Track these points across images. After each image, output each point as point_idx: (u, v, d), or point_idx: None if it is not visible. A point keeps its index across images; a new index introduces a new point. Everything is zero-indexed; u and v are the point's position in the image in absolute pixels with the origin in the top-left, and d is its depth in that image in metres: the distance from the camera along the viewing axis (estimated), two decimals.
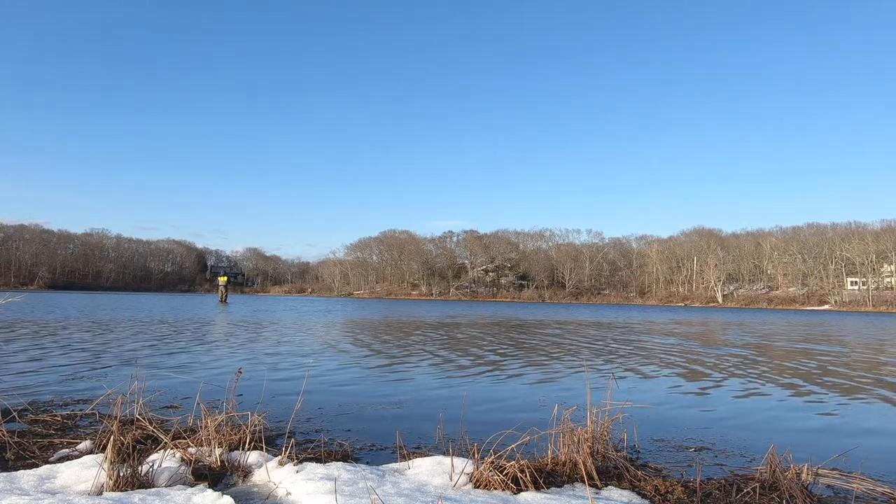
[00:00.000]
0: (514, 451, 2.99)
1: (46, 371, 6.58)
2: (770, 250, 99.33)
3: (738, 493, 2.90)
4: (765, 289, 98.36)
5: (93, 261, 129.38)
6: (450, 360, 8.78)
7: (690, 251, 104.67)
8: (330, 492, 2.56)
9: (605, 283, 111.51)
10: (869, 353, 12.12)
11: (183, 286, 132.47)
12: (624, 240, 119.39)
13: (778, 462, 3.02)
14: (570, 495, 2.79)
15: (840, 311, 69.98)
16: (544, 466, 3.06)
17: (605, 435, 3.31)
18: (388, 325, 17.86)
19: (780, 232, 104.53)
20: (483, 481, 2.86)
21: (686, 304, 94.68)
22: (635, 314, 37.29)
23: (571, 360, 9.26)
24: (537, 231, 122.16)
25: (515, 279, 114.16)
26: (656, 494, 2.89)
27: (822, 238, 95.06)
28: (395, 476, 2.92)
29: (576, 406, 4.16)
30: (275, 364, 7.81)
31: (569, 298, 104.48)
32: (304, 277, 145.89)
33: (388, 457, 3.47)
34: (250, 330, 14.23)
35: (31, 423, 4.01)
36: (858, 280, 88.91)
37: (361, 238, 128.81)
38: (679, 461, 3.63)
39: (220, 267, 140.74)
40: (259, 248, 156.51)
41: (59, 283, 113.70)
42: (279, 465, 3.01)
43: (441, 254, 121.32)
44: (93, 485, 2.66)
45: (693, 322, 26.17)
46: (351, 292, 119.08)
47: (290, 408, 4.41)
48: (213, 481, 2.88)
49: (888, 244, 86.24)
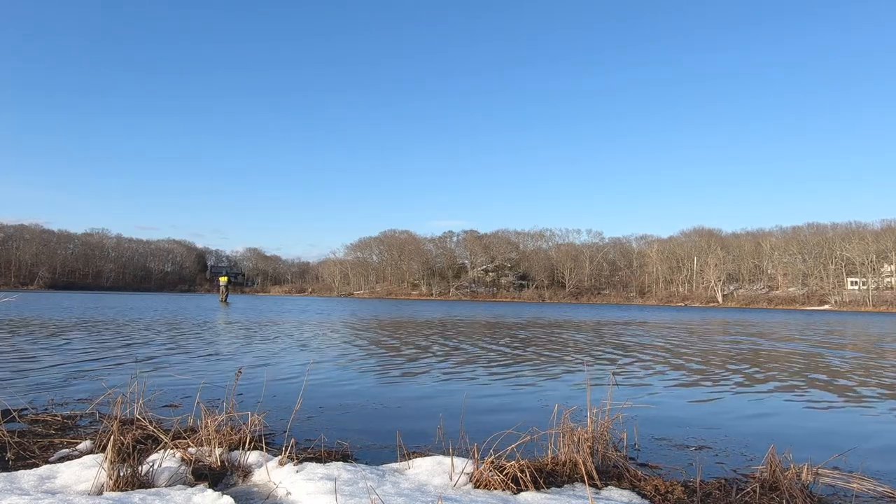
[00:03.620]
0: (514, 451, 2.99)
1: (46, 371, 6.57)
2: (770, 250, 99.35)
3: (739, 493, 2.90)
4: (765, 289, 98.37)
5: (93, 261, 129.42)
6: (450, 360, 8.79)
7: (690, 251, 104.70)
8: (330, 492, 2.56)
9: (605, 283, 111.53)
10: (869, 353, 12.12)
11: (183, 286, 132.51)
12: (624, 240, 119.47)
13: (778, 462, 3.02)
14: (570, 495, 2.79)
15: (840, 311, 69.98)
16: (544, 466, 3.06)
17: (605, 435, 3.31)
18: (388, 325, 17.86)
19: (780, 232, 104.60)
20: (483, 481, 2.86)
21: (686, 304, 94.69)
22: (635, 314, 37.28)
23: (571, 359, 9.26)
24: (537, 231, 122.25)
25: (515, 279, 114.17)
26: (656, 494, 2.89)
27: (822, 238, 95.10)
28: (395, 476, 2.92)
29: (576, 406, 4.17)
30: (275, 364, 7.81)
31: (569, 298, 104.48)
32: (304, 277, 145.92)
33: (388, 456, 3.47)
34: (251, 330, 14.24)
35: (31, 423, 4.01)
36: (858, 280, 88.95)
37: (361, 238, 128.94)
38: (679, 461, 3.63)
39: (221, 267, 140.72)
40: (259, 248, 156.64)
41: (59, 283, 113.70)
42: (279, 465, 3.00)
43: (441, 254, 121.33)
44: (93, 485, 2.66)
45: (693, 322, 26.17)
46: (351, 292, 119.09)
47: (290, 408, 4.41)
48: (213, 481, 2.88)
49: (888, 244, 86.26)
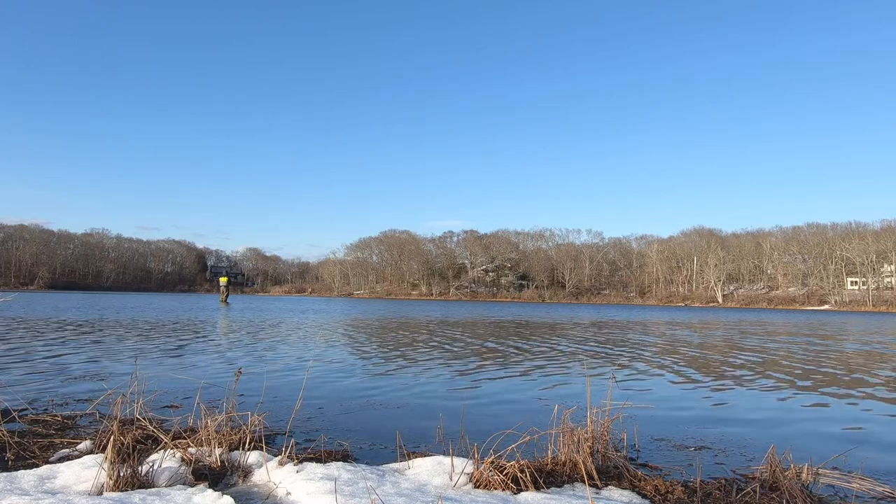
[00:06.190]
0: (514, 451, 2.99)
1: (46, 371, 6.57)
2: (770, 250, 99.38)
3: (739, 493, 2.90)
4: (765, 289, 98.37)
5: (93, 261, 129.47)
6: (450, 360, 8.78)
7: (690, 251, 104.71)
8: (330, 492, 2.56)
9: (605, 283, 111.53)
10: (869, 353, 12.12)
11: (183, 286, 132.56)
12: (624, 240, 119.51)
13: (778, 462, 3.02)
14: (570, 495, 2.78)
15: (840, 311, 69.99)
16: (544, 466, 3.06)
17: (605, 435, 3.31)
18: (389, 326, 17.86)
19: (780, 232, 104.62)
20: (483, 481, 2.86)
21: (686, 304, 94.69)
22: (635, 314, 37.28)
23: (571, 359, 9.26)
24: (537, 231, 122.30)
25: (515, 279, 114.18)
26: (656, 494, 2.89)
27: (822, 238, 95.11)
28: (395, 476, 2.92)
29: (576, 406, 4.17)
30: (275, 364, 7.81)
31: (569, 298, 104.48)
32: (304, 277, 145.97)
33: (389, 457, 3.47)
34: (251, 330, 14.23)
35: (31, 423, 4.01)
36: (858, 280, 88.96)
37: (362, 238, 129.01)
38: (679, 461, 3.63)
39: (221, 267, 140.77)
40: (259, 248, 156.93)
41: (59, 283, 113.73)
42: (279, 465, 3.00)
43: (441, 254, 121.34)
44: (93, 485, 2.66)
45: (693, 322, 26.17)
46: (351, 292, 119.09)
47: (290, 408, 4.41)
48: (214, 481, 2.88)
49: (888, 244, 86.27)
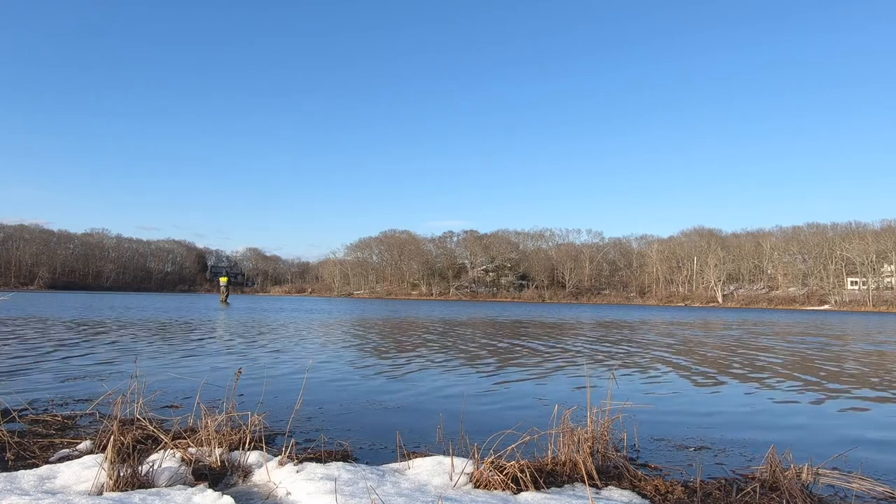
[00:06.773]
0: (514, 451, 2.99)
1: (46, 371, 6.57)
2: (770, 250, 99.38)
3: (739, 493, 2.90)
4: (765, 289, 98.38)
5: (93, 261, 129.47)
6: (450, 360, 8.78)
7: (690, 251, 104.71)
8: (330, 492, 2.56)
9: (605, 283, 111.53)
10: (869, 353, 12.12)
11: (183, 286, 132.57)
12: (624, 240, 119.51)
13: (778, 462, 3.02)
14: (570, 495, 2.78)
15: (840, 311, 69.99)
16: (544, 466, 3.06)
17: (605, 435, 3.31)
18: (389, 325, 17.86)
19: (780, 232, 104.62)
20: (483, 481, 2.86)
21: (686, 304, 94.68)
22: (635, 314, 37.28)
23: (571, 359, 9.26)
24: (537, 231, 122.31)
25: (515, 279, 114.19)
26: (656, 494, 2.89)
27: (822, 238, 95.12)
28: (395, 476, 2.92)
29: (576, 406, 4.17)
30: (275, 364, 7.81)
31: (569, 298, 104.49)
32: (304, 277, 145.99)
33: (389, 457, 3.47)
34: (251, 330, 14.23)
35: (31, 423, 4.01)
36: (858, 280, 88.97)
37: (362, 238, 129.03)
38: (679, 461, 3.63)
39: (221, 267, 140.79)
40: (259, 248, 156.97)
41: (59, 283, 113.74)
42: (279, 465, 3.00)
43: (441, 254, 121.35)
44: (93, 485, 2.66)
45: (693, 322, 26.16)
46: (351, 292, 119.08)
47: (290, 408, 4.41)
48: (214, 481, 2.88)
49: (888, 244, 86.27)
